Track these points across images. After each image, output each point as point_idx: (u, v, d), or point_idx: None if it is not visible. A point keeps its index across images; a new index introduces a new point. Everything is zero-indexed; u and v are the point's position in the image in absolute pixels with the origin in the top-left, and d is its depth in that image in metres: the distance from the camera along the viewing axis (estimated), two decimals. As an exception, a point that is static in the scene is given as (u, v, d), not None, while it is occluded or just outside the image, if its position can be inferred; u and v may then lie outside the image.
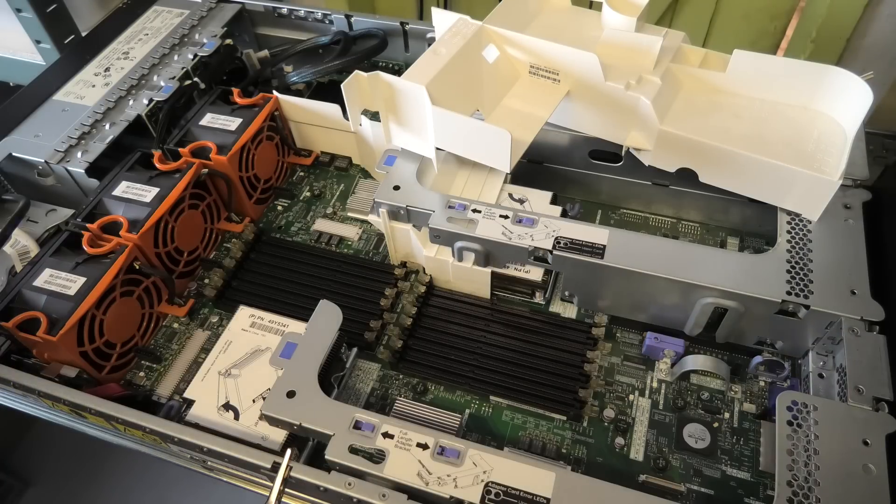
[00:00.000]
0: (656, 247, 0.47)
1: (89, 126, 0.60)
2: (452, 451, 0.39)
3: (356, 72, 0.48)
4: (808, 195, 0.46)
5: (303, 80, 0.66)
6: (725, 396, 0.48)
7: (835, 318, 0.43)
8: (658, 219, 0.59)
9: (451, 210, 0.49)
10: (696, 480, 0.44)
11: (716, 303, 0.45)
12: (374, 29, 0.70)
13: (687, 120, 0.50)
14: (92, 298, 0.47)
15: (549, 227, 0.48)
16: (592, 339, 0.50)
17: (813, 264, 0.45)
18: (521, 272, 0.50)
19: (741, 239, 0.57)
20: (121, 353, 0.50)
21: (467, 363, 0.49)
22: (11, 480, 1.21)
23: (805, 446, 0.38)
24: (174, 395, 0.50)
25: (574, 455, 0.46)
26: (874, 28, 0.74)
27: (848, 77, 0.47)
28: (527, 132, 0.50)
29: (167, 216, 0.53)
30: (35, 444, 1.28)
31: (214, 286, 0.55)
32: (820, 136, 0.48)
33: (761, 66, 0.50)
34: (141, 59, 0.67)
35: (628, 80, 0.49)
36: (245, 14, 0.75)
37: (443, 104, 0.48)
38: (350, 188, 0.64)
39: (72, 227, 0.51)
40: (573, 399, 0.47)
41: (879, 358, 0.41)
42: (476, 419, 0.48)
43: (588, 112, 0.53)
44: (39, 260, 0.50)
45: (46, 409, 0.50)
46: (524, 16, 0.56)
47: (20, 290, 0.48)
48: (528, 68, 0.53)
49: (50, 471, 1.29)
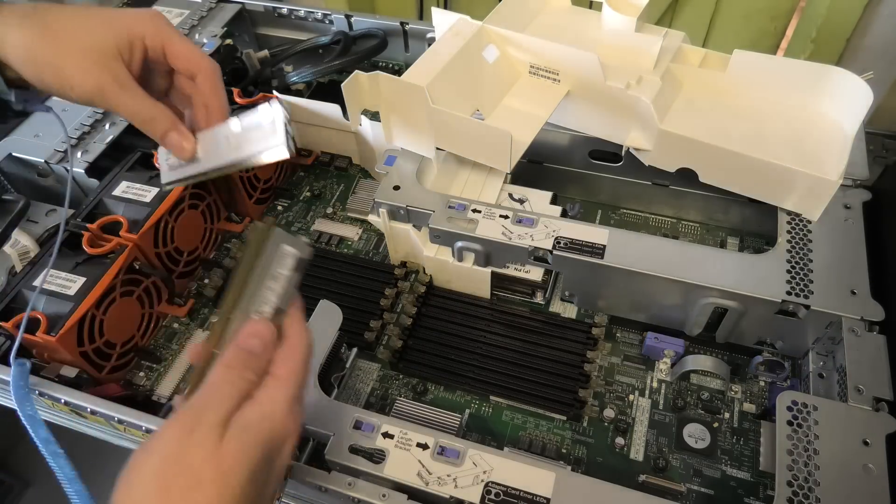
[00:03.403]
0: (656, 247, 0.47)
1: (89, 126, 0.60)
2: (452, 451, 0.39)
3: (356, 72, 0.48)
4: (808, 195, 0.46)
5: (303, 80, 0.66)
6: (725, 396, 0.48)
7: (835, 318, 0.43)
8: (658, 219, 0.59)
9: (451, 210, 0.49)
10: (696, 480, 0.44)
11: (716, 303, 0.45)
12: (374, 29, 0.70)
13: (687, 120, 0.50)
14: (92, 298, 0.47)
15: (549, 227, 0.48)
16: (592, 339, 0.50)
17: (813, 264, 0.45)
18: (521, 272, 0.50)
19: (741, 239, 0.57)
20: (121, 353, 0.50)
21: (467, 363, 0.49)
22: (11, 480, 1.21)
23: (805, 446, 0.38)
24: (174, 395, 0.50)
25: (574, 455, 0.46)
26: (874, 28, 0.74)
27: (848, 77, 0.47)
28: (527, 132, 0.50)
29: (167, 216, 0.53)
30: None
31: (214, 286, 0.55)
32: (820, 136, 0.48)
33: (761, 66, 0.50)
34: (141, 59, 0.67)
35: (628, 80, 0.49)
36: (245, 14, 0.75)
37: (443, 104, 0.48)
38: (350, 188, 0.64)
39: (72, 227, 0.51)
40: (573, 399, 0.47)
41: (879, 358, 0.41)
42: (476, 419, 0.48)
43: (588, 112, 0.53)
44: (39, 260, 0.50)
45: (46, 408, 0.50)
46: (524, 16, 0.56)
47: (20, 290, 0.48)
48: (528, 68, 0.53)
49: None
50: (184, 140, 0.40)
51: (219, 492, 0.27)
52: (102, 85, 0.38)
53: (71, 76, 0.38)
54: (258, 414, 0.30)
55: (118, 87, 0.38)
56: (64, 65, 0.38)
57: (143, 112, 0.39)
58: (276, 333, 0.33)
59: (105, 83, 0.38)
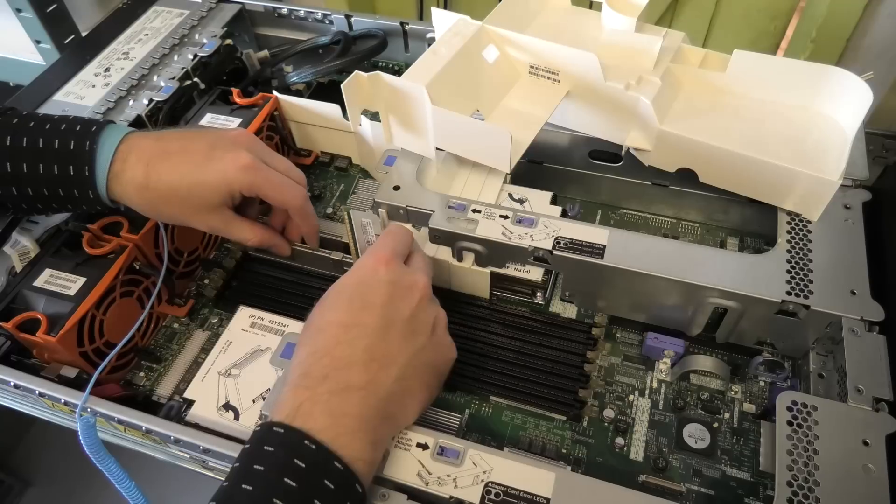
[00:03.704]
0: (656, 247, 0.47)
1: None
2: (452, 451, 0.39)
3: (356, 72, 0.48)
4: (808, 195, 0.46)
5: (303, 80, 0.66)
6: (725, 396, 0.48)
7: (835, 318, 0.43)
8: (658, 219, 0.59)
9: (451, 210, 0.49)
10: (696, 480, 0.44)
11: (716, 303, 0.45)
12: (374, 29, 0.70)
13: (687, 120, 0.50)
14: (92, 299, 0.47)
15: (549, 227, 0.48)
16: (592, 340, 0.50)
17: (813, 264, 0.45)
18: (521, 272, 0.50)
19: (741, 239, 0.57)
20: (121, 354, 0.50)
21: (467, 363, 0.49)
22: (11, 480, 1.21)
23: (805, 446, 0.38)
24: (174, 396, 0.50)
25: (574, 455, 0.46)
26: (874, 28, 0.74)
27: (848, 77, 0.47)
28: (527, 132, 0.50)
29: (167, 216, 0.53)
30: (35, 444, 1.28)
31: (214, 286, 0.55)
32: (820, 136, 0.48)
33: (761, 66, 0.50)
34: (141, 60, 0.67)
35: (628, 80, 0.49)
36: (245, 14, 0.75)
37: (443, 104, 0.48)
38: (350, 188, 0.64)
39: (72, 228, 0.51)
40: (573, 399, 0.47)
41: (879, 358, 0.41)
42: (476, 419, 0.48)
43: (588, 112, 0.53)
44: (39, 260, 0.50)
45: (46, 409, 0.50)
46: (524, 16, 0.56)
47: (20, 290, 0.48)
48: (527, 68, 0.53)
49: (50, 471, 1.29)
50: (283, 249, 0.53)
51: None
52: (215, 227, 0.48)
53: (187, 225, 0.48)
54: (421, 262, 0.45)
55: (228, 225, 0.49)
56: (178, 219, 0.48)
57: (252, 239, 0.50)
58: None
59: (217, 226, 0.48)
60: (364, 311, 0.39)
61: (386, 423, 0.38)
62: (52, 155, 0.45)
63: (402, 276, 0.42)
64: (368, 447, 0.36)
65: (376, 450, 0.37)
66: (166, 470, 0.60)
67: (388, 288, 0.40)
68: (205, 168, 0.46)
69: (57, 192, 0.46)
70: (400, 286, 0.41)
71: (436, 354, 0.42)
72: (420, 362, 0.40)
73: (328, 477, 0.33)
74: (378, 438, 0.37)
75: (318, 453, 0.34)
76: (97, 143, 0.45)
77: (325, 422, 0.35)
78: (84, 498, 1.20)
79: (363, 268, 0.42)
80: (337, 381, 0.37)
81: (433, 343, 0.42)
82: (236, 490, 0.33)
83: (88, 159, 0.45)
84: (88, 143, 0.45)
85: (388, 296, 0.40)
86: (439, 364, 0.43)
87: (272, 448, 0.34)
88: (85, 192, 0.46)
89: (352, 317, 0.39)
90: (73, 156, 0.45)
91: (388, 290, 0.40)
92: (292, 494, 0.32)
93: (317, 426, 0.35)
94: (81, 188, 0.46)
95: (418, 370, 0.40)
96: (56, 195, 0.46)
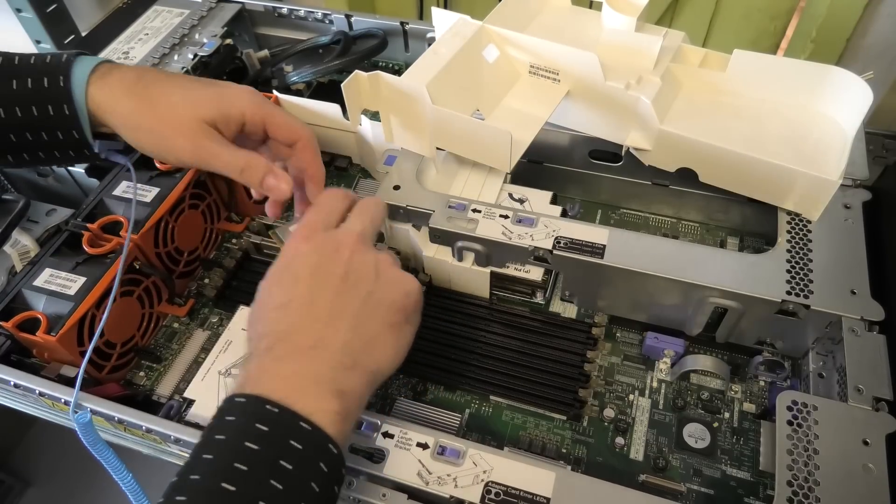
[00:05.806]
0: (656, 247, 0.47)
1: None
2: (452, 451, 0.39)
3: (356, 72, 0.48)
4: (808, 195, 0.46)
5: (303, 80, 0.66)
6: (725, 396, 0.48)
7: (835, 318, 0.43)
8: (658, 219, 0.59)
9: (450, 210, 0.49)
10: (696, 480, 0.44)
11: (716, 303, 0.45)
12: (374, 29, 0.70)
13: (687, 120, 0.50)
14: (92, 298, 0.47)
15: (549, 227, 0.48)
16: (592, 339, 0.50)
17: (813, 264, 0.45)
18: (521, 272, 0.50)
19: (741, 239, 0.57)
20: (121, 353, 0.50)
21: (467, 363, 0.49)
22: (11, 480, 1.21)
23: (805, 446, 0.38)
24: (174, 395, 0.50)
25: (574, 455, 0.46)
26: (874, 28, 0.74)
27: (848, 77, 0.47)
28: (527, 132, 0.50)
29: (167, 216, 0.53)
30: (35, 444, 1.28)
31: (214, 286, 0.55)
32: (820, 136, 0.48)
33: (761, 65, 0.50)
34: (141, 59, 0.67)
35: (628, 80, 0.49)
36: (245, 14, 0.75)
37: (443, 104, 0.48)
38: (350, 188, 0.64)
39: (72, 227, 0.51)
40: (573, 399, 0.47)
41: (879, 358, 0.41)
42: (476, 419, 0.48)
43: (588, 112, 0.53)
44: (39, 260, 0.50)
45: (46, 408, 0.50)
46: (524, 16, 0.56)
47: (20, 290, 0.48)
48: (528, 68, 0.53)
49: (50, 471, 1.29)
50: (281, 182, 0.45)
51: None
52: (198, 147, 0.43)
53: (171, 143, 0.43)
54: (354, 218, 0.42)
55: (214, 144, 0.43)
56: (164, 133, 0.43)
57: (238, 161, 0.44)
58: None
59: (201, 145, 0.43)
60: (294, 286, 0.39)
61: (353, 372, 0.37)
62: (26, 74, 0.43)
63: (325, 242, 0.40)
64: (330, 397, 0.35)
65: (345, 399, 0.35)
66: (166, 469, 0.60)
67: (312, 258, 0.39)
68: (208, 87, 0.44)
69: (30, 110, 0.43)
70: (325, 253, 0.40)
71: (390, 293, 0.40)
72: (372, 307, 0.39)
73: (294, 437, 0.33)
74: (344, 389, 0.36)
75: (281, 415, 0.33)
76: (73, 59, 0.43)
77: (276, 384, 0.34)
78: (84, 498, 1.20)
79: (285, 251, 0.41)
80: (283, 349, 0.36)
81: (381, 284, 0.40)
82: (197, 461, 0.32)
83: (64, 69, 0.43)
84: (66, 55, 0.43)
85: (314, 265, 0.39)
86: (398, 300, 0.41)
87: (233, 417, 0.33)
88: (60, 107, 0.42)
89: (284, 295, 0.38)
90: (48, 67, 0.43)
91: (312, 259, 0.39)
92: (255, 455, 0.32)
93: (268, 388, 0.34)
94: (56, 102, 0.42)
95: (374, 314, 0.39)
96: (30, 113, 0.43)
